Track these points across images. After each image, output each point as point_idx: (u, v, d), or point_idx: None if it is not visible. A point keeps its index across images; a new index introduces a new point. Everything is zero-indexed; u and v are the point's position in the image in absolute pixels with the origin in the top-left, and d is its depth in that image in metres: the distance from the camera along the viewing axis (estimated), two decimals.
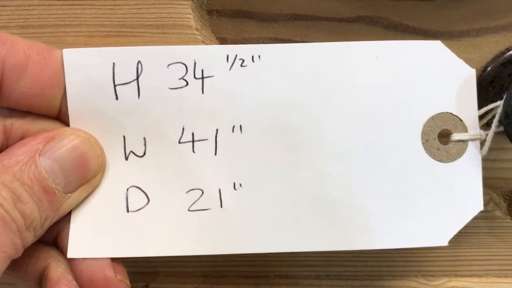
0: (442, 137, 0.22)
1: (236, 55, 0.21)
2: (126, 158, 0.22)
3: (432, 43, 0.22)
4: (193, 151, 0.22)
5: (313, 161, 0.22)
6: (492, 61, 0.24)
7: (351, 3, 0.23)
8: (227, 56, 0.21)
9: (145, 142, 0.21)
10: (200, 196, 0.22)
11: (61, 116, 0.21)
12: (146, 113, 0.21)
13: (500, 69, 0.23)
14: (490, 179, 0.26)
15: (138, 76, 0.21)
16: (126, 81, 0.21)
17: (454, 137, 0.22)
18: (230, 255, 0.21)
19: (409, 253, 0.28)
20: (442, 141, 0.22)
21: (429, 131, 0.22)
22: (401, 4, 0.23)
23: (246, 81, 0.21)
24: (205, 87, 0.21)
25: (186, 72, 0.21)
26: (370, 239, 0.22)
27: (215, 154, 0.22)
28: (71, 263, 0.21)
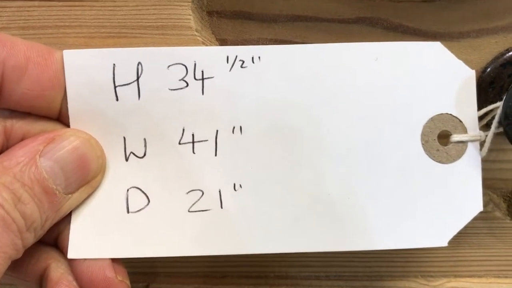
0: (441, 138, 0.22)
1: (236, 56, 0.21)
2: (127, 159, 0.22)
3: (431, 44, 0.22)
4: (193, 152, 0.22)
5: (313, 161, 0.22)
6: (491, 62, 0.24)
7: (351, 4, 0.23)
8: (227, 57, 0.21)
9: (145, 143, 0.21)
10: (200, 197, 0.22)
11: (61, 117, 0.21)
12: (147, 114, 0.21)
13: (499, 70, 0.23)
14: (489, 180, 0.26)
15: (138, 77, 0.21)
16: (127, 82, 0.21)
17: (453, 138, 0.22)
18: (230, 256, 0.21)
19: (409, 253, 0.28)
20: (441, 142, 0.22)
21: (429, 132, 0.22)
22: (401, 6, 0.23)
23: (246, 82, 0.21)
24: (205, 88, 0.21)
25: (186, 73, 0.21)
26: (370, 239, 0.22)
27: (215, 155, 0.22)
28: (71, 264, 0.21)
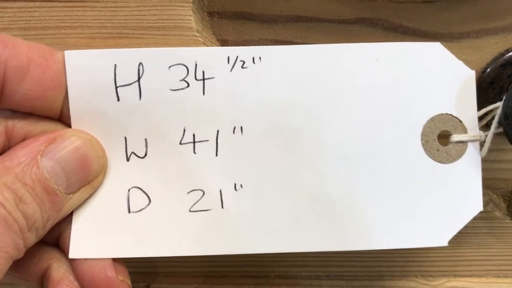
0: (442, 138, 0.22)
1: (237, 57, 0.21)
2: (128, 159, 0.22)
3: (431, 45, 0.22)
4: (194, 152, 0.22)
5: (313, 162, 0.22)
6: (491, 62, 0.24)
7: (352, 5, 0.23)
8: (228, 57, 0.21)
9: (146, 143, 0.22)
10: (201, 197, 0.22)
11: (63, 118, 0.21)
12: (147, 114, 0.21)
13: (499, 70, 0.24)
14: (489, 180, 0.26)
15: (139, 78, 0.21)
16: (128, 82, 0.21)
17: (453, 138, 0.22)
18: (230, 256, 0.21)
19: (409, 253, 0.28)
20: (442, 142, 0.22)
21: (429, 132, 0.22)
22: (401, 6, 0.23)
23: (247, 83, 0.21)
24: (206, 88, 0.21)
25: (187, 74, 0.21)
26: (370, 239, 0.22)
27: (216, 155, 0.22)
28: (72, 264, 0.21)
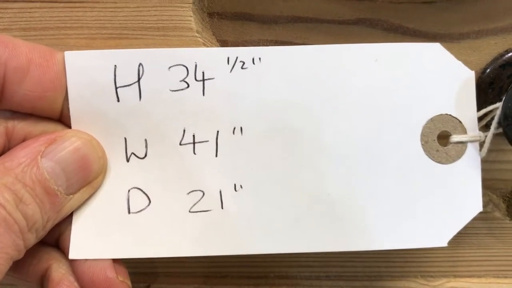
0: (441, 139, 0.22)
1: (237, 58, 0.21)
2: (128, 159, 0.22)
3: (431, 46, 0.22)
4: (194, 153, 0.22)
5: (313, 162, 0.22)
6: (491, 63, 0.24)
7: (352, 5, 0.23)
8: (228, 58, 0.21)
9: (146, 144, 0.22)
10: (201, 198, 0.22)
11: (63, 118, 0.21)
12: (147, 115, 0.21)
13: (499, 71, 0.24)
14: (489, 180, 0.26)
15: (139, 78, 0.21)
16: (128, 83, 0.21)
17: (453, 138, 0.22)
18: (230, 256, 0.21)
19: (409, 253, 0.28)
20: (441, 142, 0.22)
21: (429, 132, 0.22)
22: (401, 7, 0.23)
23: (246, 83, 0.21)
24: (206, 89, 0.21)
25: (187, 74, 0.21)
26: (370, 239, 0.22)
27: (216, 155, 0.22)
28: (72, 264, 0.21)
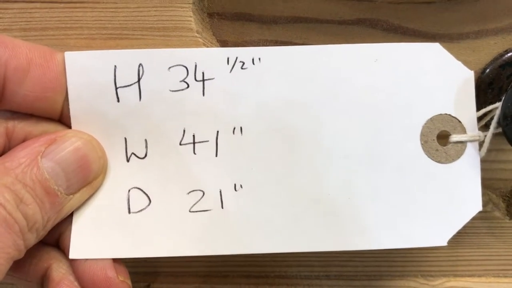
0: (441, 139, 0.22)
1: (237, 58, 0.21)
2: (128, 160, 0.22)
3: (431, 46, 0.22)
4: (194, 153, 0.22)
5: (313, 162, 0.22)
6: (490, 63, 0.24)
7: (351, 5, 0.23)
8: (228, 58, 0.21)
9: (146, 144, 0.22)
10: (201, 197, 0.22)
11: (63, 119, 0.21)
12: (147, 115, 0.21)
13: (498, 71, 0.24)
14: (488, 180, 0.26)
15: (139, 79, 0.21)
16: (128, 83, 0.21)
17: (453, 138, 0.22)
18: (230, 255, 0.22)
19: (409, 253, 0.28)
20: (441, 142, 0.22)
21: (428, 132, 0.22)
22: (401, 7, 0.23)
23: (246, 84, 0.21)
24: (206, 89, 0.21)
25: (187, 75, 0.21)
26: (369, 239, 0.22)
27: (216, 155, 0.22)
28: (73, 264, 0.21)
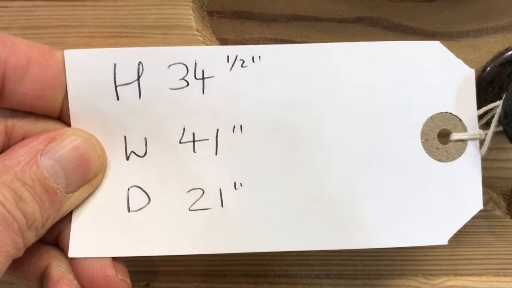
0: (441, 137, 0.22)
1: (237, 56, 0.21)
2: (127, 158, 0.22)
3: (431, 44, 0.22)
4: (194, 151, 0.22)
5: (313, 160, 0.22)
6: (491, 61, 0.24)
7: (351, 4, 0.23)
8: (228, 56, 0.21)
9: (146, 142, 0.22)
10: (201, 196, 0.22)
11: (62, 117, 0.21)
12: (147, 113, 0.21)
13: (499, 69, 0.24)
14: (489, 178, 0.26)
15: (139, 77, 0.21)
16: (127, 81, 0.21)
17: (453, 136, 0.22)
18: (230, 254, 0.21)
19: (409, 252, 0.28)
20: (441, 140, 0.22)
21: (429, 130, 0.22)
22: (401, 5, 0.23)
23: (246, 82, 0.21)
24: (206, 87, 0.21)
25: (187, 73, 0.21)
26: (370, 238, 0.22)
27: (216, 154, 0.22)
28: (72, 263, 0.21)
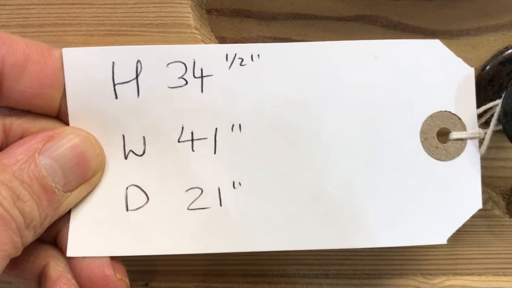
0: (441, 136, 0.22)
1: (235, 54, 0.21)
2: (126, 157, 0.22)
3: (431, 42, 0.22)
4: (193, 150, 0.22)
5: (312, 159, 0.22)
6: (491, 60, 0.24)
7: (351, 2, 0.23)
8: (226, 55, 0.21)
9: (144, 141, 0.21)
10: (200, 195, 0.22)
11: (60, 115, 0.21)
12: (146, 112, 0.21)
13: (499, 68, 0.24)
14: (488, 177, 0.26)
15: (137, 75, 0.21)
16: (126, 80, 0.21)
17: (453, 135, 0.22)
18: (229, 254, 0.21)
19: (408, 251, 0.28)
20: (441, 139, 0.22)
21: (428, 129, 0.22)
22: (400, 3, 0.23)
23: (245, 80, 0.21)
24: (205, 86, 0.21)
25: (186, 71, 0.21)
26: (369, 237, 0.22)
27: (215, 153, 0.22)
28: (70, 262, 0.21)
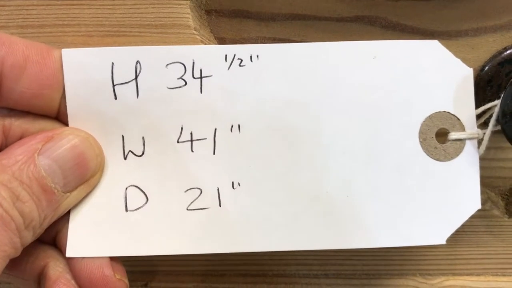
0: (439, 136, 0.22)
1: (235, 55, 0.21)
2: (125, 157, 0.22)
3: (429, 43, 0.22)
4: (192, 151, 0.22)
5: (311, 160, 0.22)
6: (489, 60, 0.24)
7: (350, 3, 0.23)
8: (226, 55, 0.21)
9: (143, 141, 0.21)
10: (199, 195, 0.22)
11: (60, 116, 0.21)
12: (145, 112, 0.21)
13: (497, 68, 0.24)
14: (487, 178, 0.26)
15: (136, 76, 0.21)
16: (125, 80, 0.21)
17: (451, 136, 0.22)
18: (228, 254, 0.21)
19: (407, 251, 0.28)
20: (439, 140, 0.22)
21: (427, 130, 0.22)
22: (399, 4, 0.23)
23: (244, 81, 0.21)
24: (204, 86, 0.21)
25: (185, 72, 0.21)
26: (368, 237, 0.22)
27: (214, 153, 0.22)
28: (69, 262, 0.21)
